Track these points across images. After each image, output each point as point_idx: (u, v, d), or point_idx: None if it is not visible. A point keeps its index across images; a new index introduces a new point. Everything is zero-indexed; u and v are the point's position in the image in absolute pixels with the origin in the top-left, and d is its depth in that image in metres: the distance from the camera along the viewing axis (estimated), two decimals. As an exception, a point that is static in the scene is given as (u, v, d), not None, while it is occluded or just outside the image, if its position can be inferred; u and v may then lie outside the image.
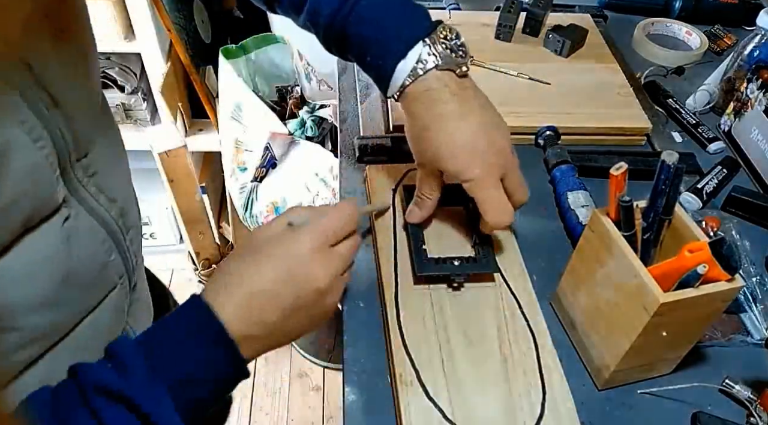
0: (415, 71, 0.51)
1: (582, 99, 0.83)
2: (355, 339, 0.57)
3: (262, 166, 1.37)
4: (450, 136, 0.51)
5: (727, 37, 1.03)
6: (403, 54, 0.51)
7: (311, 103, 1.40)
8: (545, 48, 0.92)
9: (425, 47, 0.51)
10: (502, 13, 0.91)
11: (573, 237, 0.67)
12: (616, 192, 0.49)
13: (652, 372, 0.56)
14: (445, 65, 0.51)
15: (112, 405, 0.37)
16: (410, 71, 0.51)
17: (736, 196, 0.72)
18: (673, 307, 0.46)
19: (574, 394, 0.51)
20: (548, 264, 0.65)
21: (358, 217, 0.50)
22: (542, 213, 0.71)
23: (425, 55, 0.51)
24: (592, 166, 0.74)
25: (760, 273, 0.65)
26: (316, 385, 1.63)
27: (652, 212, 0.51)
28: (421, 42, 0.51)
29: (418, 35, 0.51)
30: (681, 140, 0.83)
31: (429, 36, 0.51)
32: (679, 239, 0.52)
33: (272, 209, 1.35)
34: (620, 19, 1.07)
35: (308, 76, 1.42)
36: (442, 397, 0.49)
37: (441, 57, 0.51)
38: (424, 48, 0.51)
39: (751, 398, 0.54)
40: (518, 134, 0.78)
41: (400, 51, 0.51)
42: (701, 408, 0.54)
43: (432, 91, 0.51)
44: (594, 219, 0.52)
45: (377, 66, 0.53)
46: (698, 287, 0.46)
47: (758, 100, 0.77)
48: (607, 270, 0.51)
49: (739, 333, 0.60)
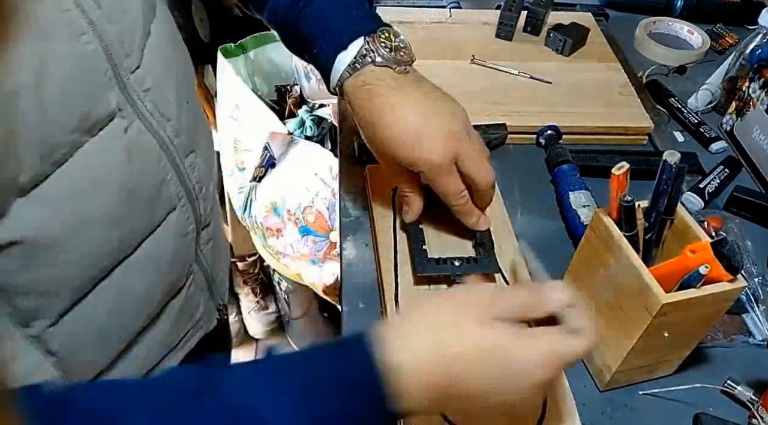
0: (354, 65, 0.53)
1: (583, 98, 0.82)
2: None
3: (261, 166, 1.37)
4: (392, 128, 0.52)
5: (729, 36, 1.03)
6: (344, 46, 0.53)
7: (310, 103, 1.39)
8: (546, 47, 0.92)
9: (365, 43, 0.53)
10: (503, 12, 0.91)
11: (574, 237, 0.67)
12: (618, 192, 0.49)
13: (654, 372, 0.56)
14: (383, 62, 0.53)
15: None
16: (349, 63, 0.53)
17: (739, 196, 0.72)
18: (675, 308, 0.46)
19: (575, 395, 0.50)
20: (549, 264, 0.65)
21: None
22: (543, 213, 0.71)
23: (364, 50, 0.53)
24: (594, 165, 0.74)
25: (762, 273, 0.65)
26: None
27: (653, 212, 0.51)
28: (363, 38, 0.53)
29: (360, 31, 0.53)
30: (683, 139, 0.83)
31: (371, 34, 0.53)
32: (680, 239, 0.51)
33: (271, 209, 1.35)
34: (622, 18, 1.07)
35: (308, 76, 1.42)
36: (442, 398, 0.49)
37: (379, 53, 0.53)
38: (364, 44, 0.53)
39: (752, 399, 0.54)
40: (519, 133, 0.78)
41: (343, 43, 0.53)
42: (703, 409, 0.54)
43: (370, 86, 0.53)
44: (595, 219, 0.52)
45: (321, 57, 0.55)
46: (700, 288, 0.46)
47: (760, 99, 0.77)
48: (609, 271, 0.51)
49: (740, 334, 0.60)
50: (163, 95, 0.48)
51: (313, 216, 1.32)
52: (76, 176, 0.40)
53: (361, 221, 0.68)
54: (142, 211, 0.47)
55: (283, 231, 1.36)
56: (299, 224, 1.34)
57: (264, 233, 1.39)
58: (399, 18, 0.93)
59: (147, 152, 0.47)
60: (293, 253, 1.39)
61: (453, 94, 0.81)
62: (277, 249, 1.40)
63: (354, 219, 0.68)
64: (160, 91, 0.48)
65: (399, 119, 0.52)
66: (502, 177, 0.74)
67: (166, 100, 0.49)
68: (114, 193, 0.43)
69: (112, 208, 0.43)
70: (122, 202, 0.44)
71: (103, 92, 0.41)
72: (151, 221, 0.48)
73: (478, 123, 0.77)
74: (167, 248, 0.51)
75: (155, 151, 0.48)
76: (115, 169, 0.43)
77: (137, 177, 0.45)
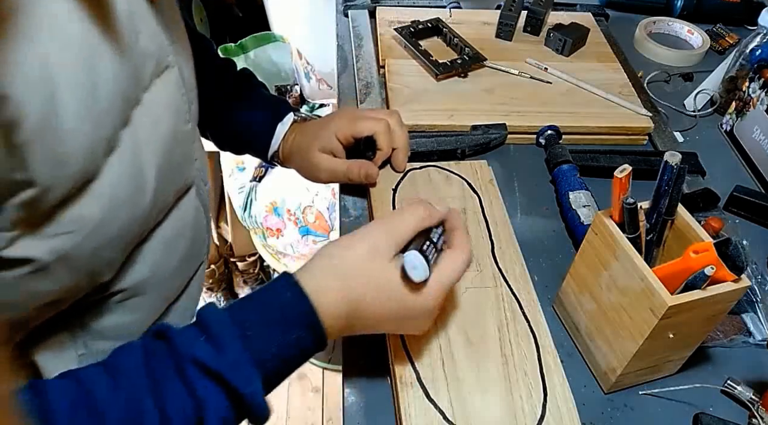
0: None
1: (583, 98, 0.82)
2: (354, 339, 0.57)
3: (261, 165, 1.37)
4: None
5: (729, 36, 1.03)
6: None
7: (311, 103, 1.40)
8: (546, 47, 0.92)
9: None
10: (503, 12, 0.91)
11: (575, 237, 0.67)
12: (620, 194, 0.49)
13: (658, 373, 0.56)
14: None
15: (204, 379, 0.39)
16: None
17: (739, 196, 0.72)
18: (681, 309, 0.46)
19: (575, 395, 0.50)
20: (550, 264, 0.65)
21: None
22: (544, 213, 0.71)
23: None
24: (594, 165, 0.74)
25: (761, 273, 0.65)
26: (316, 386, 1.62)
27: (655, 213, 0.51)
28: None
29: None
30: (683, 139, 0.83)
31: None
32: (681, 239, 0.51)
33: (271, 209, 1.35)
34: (622, 18, 1.07)
35: (308, 76, 1.42)
36: (442, 398, 0.49)
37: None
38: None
39: (752, 399, 0.54)
40: (519, 133, 0.78)
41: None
42: (703, 409, 0.54)
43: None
44: (597, 222, 0.52)
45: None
46: (705, 289, 0.46)
47: (760, 99, 0.77)
48: (612, 273, 0.51)
49: (740, 334, 0.60)
50: (186, 69, 0.52)
51: (313, 216, 1.32)
52: (138, 142, 0.43)
53: (361, 221, 0.68)
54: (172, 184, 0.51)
55: (283, 231, 1.36)
56: (299, 224, 1.34)
57: (264, 233, 1.39)
58: (399, 18, 0.93)
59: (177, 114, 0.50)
60: (293, 253, 1.39)
61: (453, 95, 0.81)
62: (277, 249, 1.40)
63: (354, 219, 0.68)
64: (183, 67, 0.50)
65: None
66: (502, 177, 0.74)
67: (189, 73, 0.52)
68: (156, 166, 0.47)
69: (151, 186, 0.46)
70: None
71: (159, 40, 0.45)
72: (176, 197, 0.52)
73: (478, 123, 0.77)
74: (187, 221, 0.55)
75: (182, 119, 0.51)
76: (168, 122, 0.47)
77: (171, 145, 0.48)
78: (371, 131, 0.65)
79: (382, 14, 0.95)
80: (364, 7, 0.99)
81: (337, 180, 0.67)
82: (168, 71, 0.46)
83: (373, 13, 0.97)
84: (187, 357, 0.39)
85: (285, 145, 0.70)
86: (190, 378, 0.38)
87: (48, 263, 0.38)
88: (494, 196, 0.66)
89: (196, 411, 0.38)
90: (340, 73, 0.89)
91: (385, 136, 0.65)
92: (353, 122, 0.65)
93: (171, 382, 0.38)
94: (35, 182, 0.34)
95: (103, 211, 0.39)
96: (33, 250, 0.37)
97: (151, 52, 0.43)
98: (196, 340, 0.40)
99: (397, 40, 0.89)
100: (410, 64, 0.86)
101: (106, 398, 0.37)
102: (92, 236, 0.39)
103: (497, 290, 0.57)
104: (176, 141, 0.48)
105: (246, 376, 0.39)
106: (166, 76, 0.46)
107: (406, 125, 0.69)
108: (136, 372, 0.39)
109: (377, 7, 0.97)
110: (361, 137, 0.65)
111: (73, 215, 0.38)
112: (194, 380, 0.38)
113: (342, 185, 0.72)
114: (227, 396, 0.39)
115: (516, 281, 0.58)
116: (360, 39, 0.92)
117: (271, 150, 0.70)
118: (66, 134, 0.35)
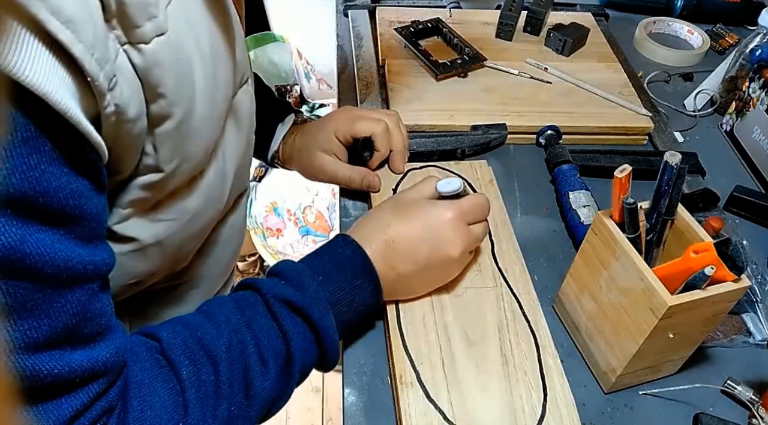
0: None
1: (583, 98, 0.82)
2: (354, 339, 0.57)
3: (261, 165, 1.37)
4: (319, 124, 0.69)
5: (729, 37, 1.03)
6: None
7: (311, 103, 1.40)
8: (546, 47, 0.92)
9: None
10: (503, 12, 0.91)
11: (575, 237, 0.67)
12: (620, 194, 0.49)
13: (658, 373, 0.56)
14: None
15: (291, 315, 0.45)
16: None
17: (738, 196, 0.72)
18: (681, 309, 0.46)
19: (575, 395, 0.50)
20: (550, 264, 0.65)
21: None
22: (544, 213, 0.71)
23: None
24: (594, 166, 0.74)
25: (761, 273, 0.65)
26: (315, 386, 1.62)
27: (655, 213, 0.51)
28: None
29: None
30: (683, 139, 0.83)
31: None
32: (681, 239, 0.51)
33: (271, 209, 1.35)
34: (621, 18, 1.07)
35: (308, 75, 1.42)
36: (442, 398, 0.49)
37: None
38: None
39: (752, 399, 0.54)
40: (519, 133, 0.78)
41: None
42: (703, 409, 0.54)
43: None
44: (597, 222, 0.52)
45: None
46: (705, 289, 0.46)
47: (760, 99, 0.77)
48: (612, 273, 0.51)
49: (740, 334, 0.60)
50: None
51: (313, 216, 1.32)
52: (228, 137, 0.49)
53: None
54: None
55: (283, 231, 1.36)
56: (299, 224, 1.34)
57: (264, 233, 1.39)
58: (399, 18, 0.93)
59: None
60: (293, 253, 1.39)
61: (453, 95, 0.81)
62: (278, 249, 1.40)
63: (354, 219, 0.68)
64: None
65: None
66: (502, 177, 0.74)
67: None
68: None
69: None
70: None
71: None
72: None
73: (478, 123, 0.77)
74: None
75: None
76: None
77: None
78: (369, 132, 0.65)
79: (382, 14, 0.95)
80: (364, 7, 0.99)
81: (337, 184, 0.67)
82: (248, 83, 0.50)
83: (373, 13, 0.97)
84: (275, 297, 0.45)
85: (285, 146, 0.70)
86: (278, 314, 0.44)
87: (147, 245, 0.42)
88: (494, 196, 0.67)
89: (285, 346, 0.44)
90: (340, 73, 0.89)
91: (383, 137, 0.65)
92: (352, 121, 0.65)
93: (263, 319, 0.44)
94: (162, 168, 0.39)
95: (200, 205, 0.45)
96: (139, 231, 0.41)
97: (240, 63, 0.47)
98: (278, 284, 0.46)
99: (397, 40, 0.89)
100: (410, 64, 0.86)
101: (212, 337, 0.41)
102: (186, 227, 0.44)
103: (497, 290, 0.57)
104: (248, 147, 0.53)
105: (323, 313, 0.46)
106: (246, 87, 0.49)
107: (406, 125, 0.69)
108: (233, 316, 0.44)
109: (377, 7, 0.97)
110: (359, 138, 0.65)
111: (178, 205, 0.43)
112: (282, 316, 0.44)
113: (342, 188, 0.72)
114: (309, 331, 0.45)
115: (516, 281, 0.58)
116: (360, 39, 0.92)
117: (270, 151, 0.71)
118: (193, 132, 0.40)
